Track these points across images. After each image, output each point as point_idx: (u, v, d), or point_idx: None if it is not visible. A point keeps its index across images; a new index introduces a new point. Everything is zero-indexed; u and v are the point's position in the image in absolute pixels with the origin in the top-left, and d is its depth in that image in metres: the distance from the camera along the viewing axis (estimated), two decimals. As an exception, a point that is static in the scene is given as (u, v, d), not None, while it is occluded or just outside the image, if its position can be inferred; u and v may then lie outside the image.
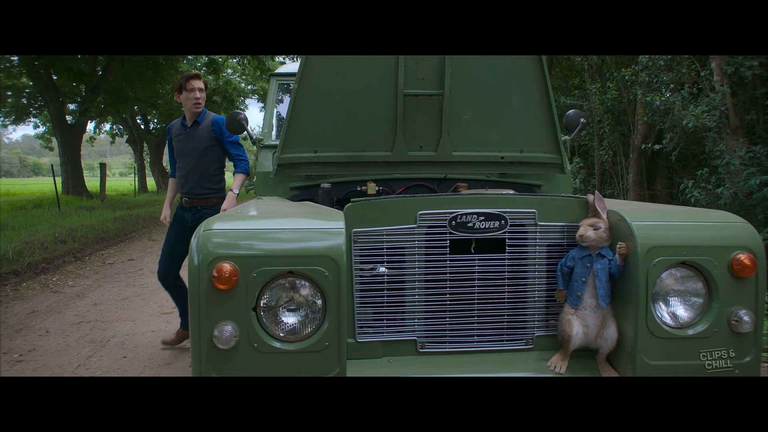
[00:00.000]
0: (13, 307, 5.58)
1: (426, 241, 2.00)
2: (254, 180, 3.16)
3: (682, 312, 1.94)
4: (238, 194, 3.72)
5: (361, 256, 1.99)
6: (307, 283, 1.79)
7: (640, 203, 2.44)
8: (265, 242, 1.80)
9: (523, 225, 2.03)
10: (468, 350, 2.04)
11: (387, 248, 1.99)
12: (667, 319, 1.92)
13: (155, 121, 24.49)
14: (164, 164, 25.29)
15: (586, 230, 1.96)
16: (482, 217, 1.99)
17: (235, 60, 21.60)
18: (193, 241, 1.79)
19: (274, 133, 3.29)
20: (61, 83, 16.02)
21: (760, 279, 1.93)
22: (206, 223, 1.86)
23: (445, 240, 1.99)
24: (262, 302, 1.78)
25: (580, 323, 1.96)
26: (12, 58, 14.20)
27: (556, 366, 1.98)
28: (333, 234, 1.81)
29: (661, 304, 1.93)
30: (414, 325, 2.02)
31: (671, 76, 8.21)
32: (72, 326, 4.92)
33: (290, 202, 2.63)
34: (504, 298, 2.04)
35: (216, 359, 1.74)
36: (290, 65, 3.67)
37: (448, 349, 2.03)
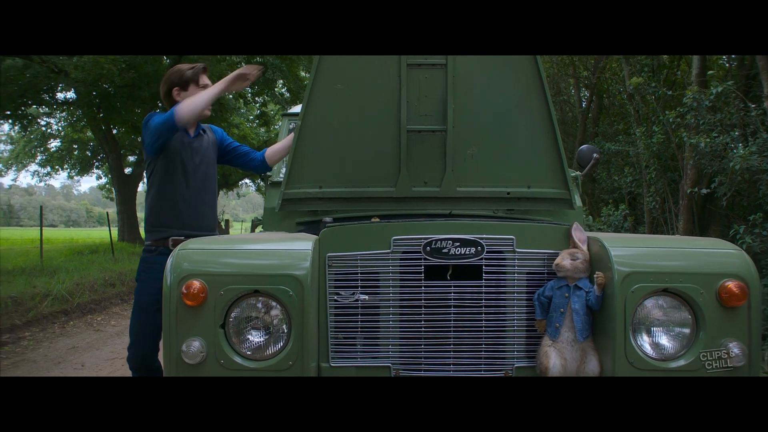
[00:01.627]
0: (57, 343, 5.83)
1: (401, 266, 2.00)
2: (262, 216, 3.26)
3: (666, 343, 1.85)
4: None
5: (335, 280, 2.01)
6: (273, 303, 1.82)
7: (628, 234, 2.37)
8: (233, 261, 1.85)
9: (500, 252, 2.00)
10: (443, 377, 2.00)
11: (362, 273, 2.01)
12: (649, 350, 1.83)
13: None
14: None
15: (563, 259, 1.92)
16: (458, 243, 1.98)
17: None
18: (168, 261, 1.86)
19: (283, 170, 3.40)
20: (120, 136, 17.08)
21: (753, 309, 1.82)
22: (182, 244, 1.93)
23: (420, 266, 1.99)
24: (229, 320, 1.82)
25: (558, 355, 1.90)
26: (76, 111, 15.26)
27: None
28: (299, 255, 1.85)
29: (643, 334, 1.85)
30: (388, 351, 2.00)
31: (719, 117, 7.98)
32: (106, 362, 5.10)
33: (281, 233, 2.69)
34: (481, 327, 1.99)
35: (184, 374, 1.78)
36: (300, 106, 3.80)
37: (422, 376, 2.00)
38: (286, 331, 1.82)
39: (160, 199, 2.79)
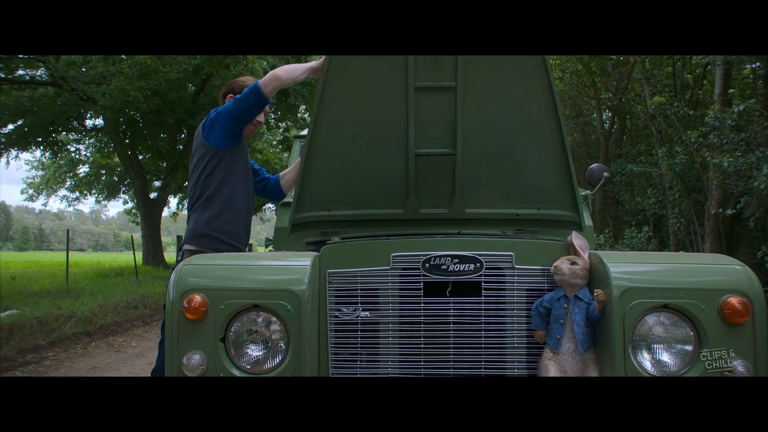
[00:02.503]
0: (78, 363, 5.92)
1: (400, 283, 2.01)
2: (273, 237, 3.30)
3: (668, 360, 1.81)
4: None
5: (336, 296, 2.03)
6: (272, 317, 1.85)
7: (629, 252, 2.34)
8: (233, 276, 1.88)
9: (500, 268, 2.00)
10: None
11: (361, 289, 2.02)
12: (650, 367, 1.80)
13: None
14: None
15: (562, 263, 1.90)
16: (456, 260, 1.98)
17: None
18: (172, 276, 1.91)
19: (292, 193, 3.44)
20: (145, 161, 17.50)
21: (758, 325, 1.78)
22: (186, 260, 1.98)
23: (419, 283, 2.00)
24: (229, 334, 1.85)
25: (558, 368, 1.88)
26: (104, 137, 15.72)
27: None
28: (298, 270, 1.87)
29: (643, 351, 1.82)
30: (388, 368, 2.00)
31: (743, 136, 7.85)
32: (123, 382, 5.16)
33: (285, 252, 2.72)
34: (481, 344, 1.98)
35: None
36: None
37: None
38: (284, 346, 1.84)
39: (220, 204, 2.68)
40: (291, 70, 2.66)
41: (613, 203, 13.63)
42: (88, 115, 15.01)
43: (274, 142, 22.23)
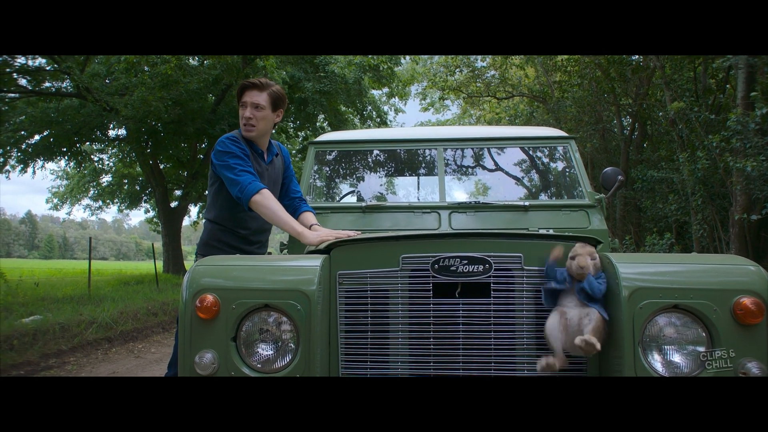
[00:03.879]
0: (99, 368, 6.01)
1: (409, 284, 2.01)
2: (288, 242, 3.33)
3: (679, 361, 1.79)
4: None
5: (346, 297, 2.04)
6: (283, 317, 1.86)
7: (639, 253, 2.30)
8: (245, 277, 1.91)
9: (508, 269, 1.99)
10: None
11: (371, 291, 2.03)
12: (660, 368, 1.77)
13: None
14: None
15: (587, 260, 1.84)
16: (465, 261, 1.98)
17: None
18: (186, 276, 1.94)
19: (309, 197, 3.48)
20: (166, 170, 17.76)
21: None
22: (199, 261, 2.01)
23: (429, 284, 2.00)
24: (241, 333, 1.87)
25: (560, 316, 1.86)
26: (126, 147, 16.02)
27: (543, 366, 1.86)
28: (307, 271, 1.89)
29: (654, 352, 1.80)
30: (398, 368, 2.00)
31: (767, 140, 7.71)
32: (142, 387, 5.22)
33: (297, 255, 2.74)
34: (490, 345, 1.98)
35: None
36: (327, 135, 3.90)
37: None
38: (294, 345, 1.85)
39: (222, 219, 2.79)
40: (278, 219, 2.61)
41: (635, 210, 13.47)
42: (111, 125, 15.29)
43: (293, 151, 22.40)
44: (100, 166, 21.03)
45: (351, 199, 4.16)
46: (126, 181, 21.54)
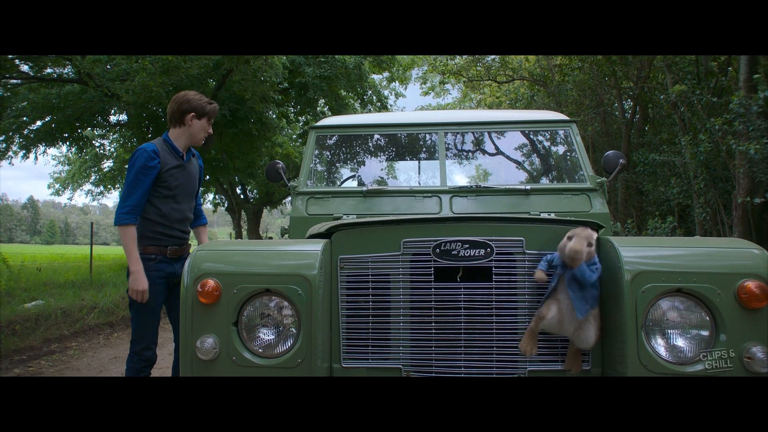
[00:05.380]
0: (100, 353, 6.04)
1: (411, 268, 2.01)
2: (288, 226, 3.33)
3: (683, 345, 1.79)
4: None
5: (347, 282, 2.04)
6: (284, 302, 1.87)
7: (643, 237, 2.28)
8: (246, 261, 1.91)
9: (510, 253, 1.99)
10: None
11: (372, 275, 2.03)
12: (663, 352, 1.77)
13: (254, 191, 25.92)
14: (261, 232, 26.29)
15: (582, 245, 1.83)
16: (467, 245, 1.98)
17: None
18: (187, 262, 1.94)
19: (309, 182, 3.47)
20: (169, 158, 17.74)
21: None
22: (200, 246, 2.01)
23: (430, 268, 2.00)
24: (242, 318, 1.87)
25: (558, 310, 1.86)
26: (127, 132, 15.97)
27: (525, 351, 1.91)
28: (308, 255, 1.89)
29: (657, 336, 1.80)
30: (399, 353, 2.01)
31: (770, 123, 7.66)
32: (145, 371, 5.25)
33: (297, 239, 2.73)
34: (492, 329, 1.98)
35: (199, 370, 1.84)
36: (327, 119, 3.87)
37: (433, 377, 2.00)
38: (295, 330, 1.86)
39: (155, 214, 2.91)
40: (125, 243, 2.81)
41: (636, 193, 13.43)
42: (113, 111, 15.22)
43: (294, 136, 22.31)
44: (101, 151, 20.95)
45: (352, 184, 4.15)
46: (127, 166, 21.51)
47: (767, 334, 1.73)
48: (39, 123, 14.93)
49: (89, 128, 17.07)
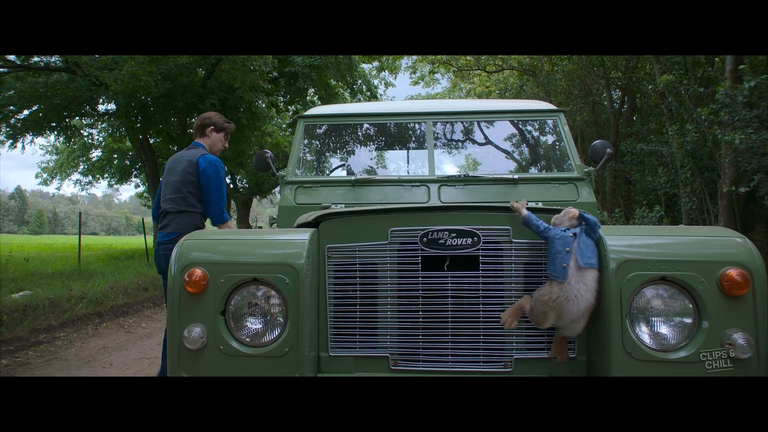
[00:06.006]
0: (89, 343, 6.02)
1: (398, 257, 2.02)
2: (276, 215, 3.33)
3: (667, 333, 1.82)
4: None
5: (335, 271, 2.04)
6: (271, 291, 1.87)
7: (628, 226, 2.31)
8: (233, 250, 1.91)
9: (497, 242, 2.01)
10: (442, 370, 2.01)
11: (360, 264, 2.04)
12: (648, 340, 1.80)
13: (244, 180, 25.78)
14: (251, 222, 26.15)
15: (570, 208, 1.97)
16: (454, 234, 1.99)
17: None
18: (174, 251, 1.94)
19: (298, 171, 3.47)
20: (156, 145, 17.59)
21: (758, 298, 1.77)
22: (188, 235, 2.01)
23: (417, 257, 2.01)
24: (229, 307, 1.87)
25: (567, 296, 1.85)
26: (116, 121, 15.83)
27: (506, 322, 1.94)
28: (296, 244, 1.89)
29: (641, 324, 1.82)
30: (387, 342, 2.02)
31: (756, 113, 7.71)
32: (134, 361, 5.24)
33: (285, 229, 2.74)
34: (479, 318, 2.00)
35: (186, 359, 1.84)
36: (316, 108, 3.87)
37: (421, 368, 2.01)
38: (282, 319, 1.86)
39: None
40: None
41: (624, 183, 13.51)
42: (101, 100, 15.07)
43: (284, 125, 22.22)
44: (89, 140, 20.78)
45: (341, 173, 4.14)
46: (116, 155, 21.33)
47: (748, 321, 1.76)
48: (26, 112, 14.77)
49: (77, 117, 16.90)
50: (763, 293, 1.76)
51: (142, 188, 23.87)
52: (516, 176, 3.20)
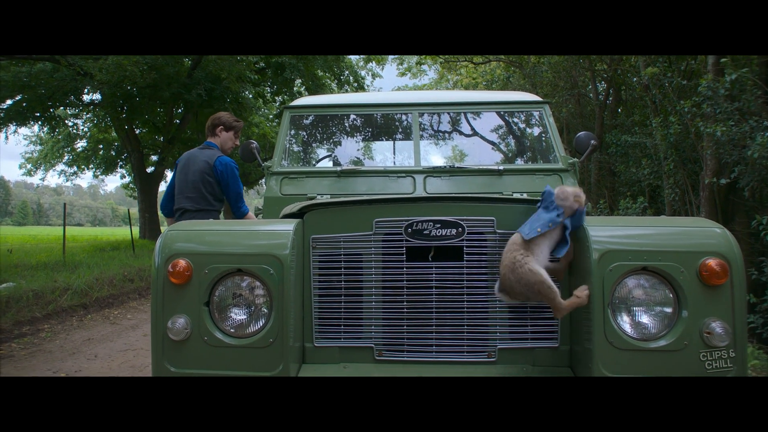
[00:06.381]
0: (74, 335, 5.98)
1: (383, 248, 2.03)
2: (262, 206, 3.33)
3: (647, 322, 1.84)
4: None
5: (319, 262, 2.05)
6: (256, 282, 1.88)
7: (610, 216, 2.34)
8: (218, 241, 1.91)
9: (481, 233, 2.02)
10: (426, 360, 2.03)
11: (345, 255, 2.04)
12: (629, 329, 1.83)
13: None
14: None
15: (578, 192, 1.92)
16: (438, 225, 2.00)
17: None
18: (158, 241, 1.94)
19: (284, 162, 3.47)
20: (142, 135, 17.45)
21: (736, 287, 1.81)
22: (172, 226, 2.01)
23: (402, 247, 2.02)
24: (213, 298, 1.88)
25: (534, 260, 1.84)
26: (101, 112, 15.66)
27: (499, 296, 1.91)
28: (280, 235, 1.90)
29: (623, 313, 1.85)
30: (371, 333, 2.04)
31: (737, 106, 7.80)
32: (119, 353, 5.22)
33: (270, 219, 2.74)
34: (463, 308, 2.01)
35: (170, 351, 1.84)
36: (302, 99, 3.86)
37: (405, 358, 2.03)
38: (267, 310, 1.87)
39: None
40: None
41: (609, 174, 13.61)
42: (86, 90, 14.90)
43: (270, 116, 22.11)
44: (74, 131, 20.56)
45: (327, 164, 4.14)
46: (101, 146, 21.15)
47: (726, 310, 1.79)
48: (9, 102, 14.57)
49: (62, 107, 16.72)
50: (741, 283, 1.80)
51: (128, 179, 23.68)
52: (501, 167, 3.22)
